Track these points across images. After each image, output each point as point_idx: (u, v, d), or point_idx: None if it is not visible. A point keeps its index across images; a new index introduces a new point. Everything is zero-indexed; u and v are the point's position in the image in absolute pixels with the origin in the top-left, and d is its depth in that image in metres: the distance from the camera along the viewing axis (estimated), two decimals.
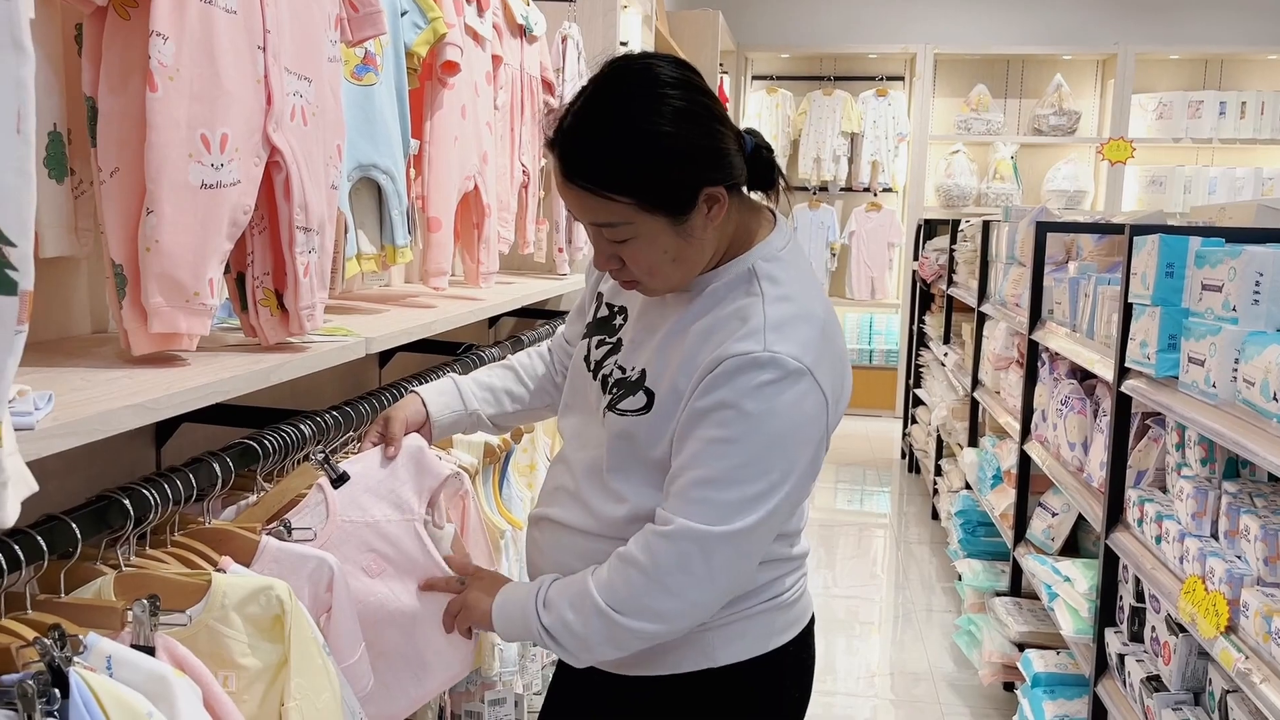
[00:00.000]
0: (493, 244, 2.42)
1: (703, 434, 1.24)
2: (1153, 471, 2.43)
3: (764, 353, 1.22)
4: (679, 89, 1.24)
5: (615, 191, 1.22)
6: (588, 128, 1.23)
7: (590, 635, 1.29)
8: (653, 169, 1.22)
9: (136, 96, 1.19)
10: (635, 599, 1.26)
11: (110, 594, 1.13)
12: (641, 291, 1.35)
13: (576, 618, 1.29)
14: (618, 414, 1.34)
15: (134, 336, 1.26)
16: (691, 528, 1.23)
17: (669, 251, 1.27)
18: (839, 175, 7.66)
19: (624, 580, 1.27)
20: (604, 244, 1.29)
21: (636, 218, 1.24)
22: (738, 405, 1.22)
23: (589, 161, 1.23)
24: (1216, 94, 7.08)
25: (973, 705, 3.38)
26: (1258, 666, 1.69)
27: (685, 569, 1.24)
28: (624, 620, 1.27)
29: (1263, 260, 1.81)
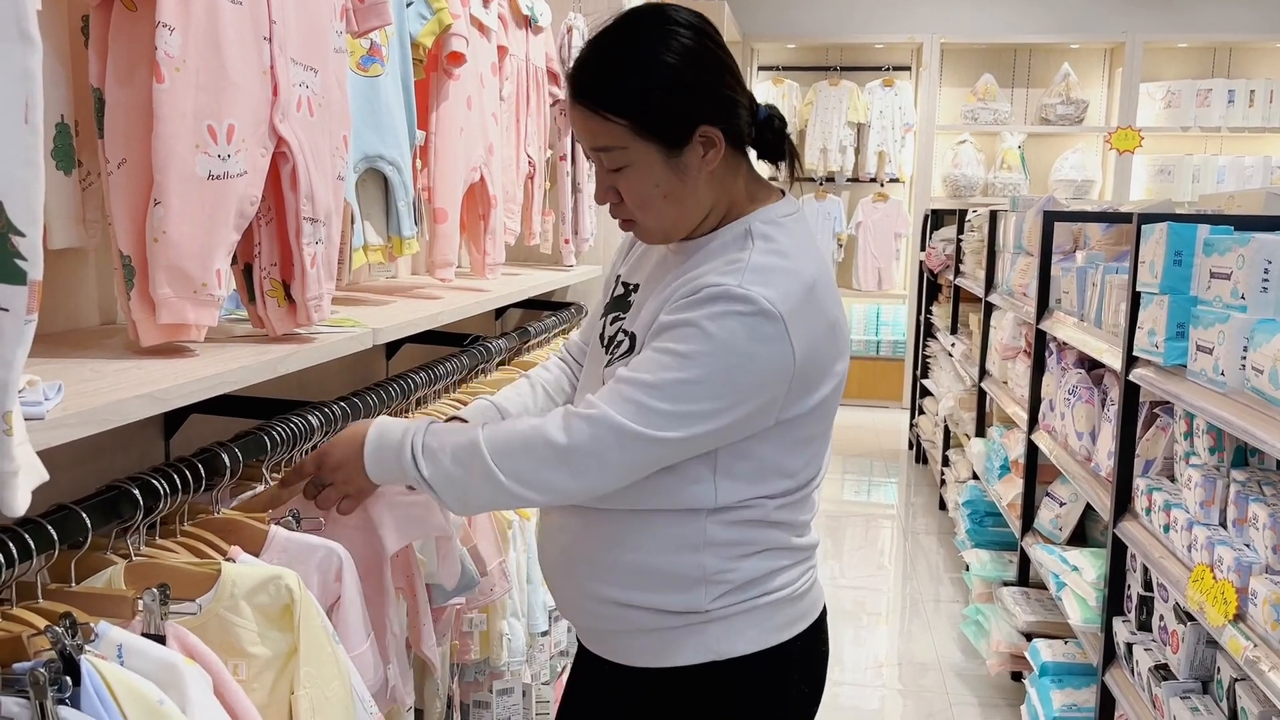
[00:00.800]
0: (499, 235, 2.42)
1: (659, 344, 1.26)
2: (1161, 460, 2.42)
3: (739, 288, 1.24)
4: (691, 31, 1.29)
5: (612, 112, 1.27)
6: (597, 53, 1.30)
7: (475, 494, 1.28)
8: (651, 93, 1.26)
9: (143, 88, 1.20)
10: (534, 471, 1.25)
11: (121, 583, 1.13)
12: (638, 234, 1.39)
13: (461, 473, 1.27)
14: (610, 367, 1.37)
15: (142, 327, 1.27)
16: (616, 420, 1.23)
17: (660, 185, 1.30)
18: (845, 166, 7.64)
19: (525, 449, 1.25)
20: (603, 173, 1.33)
21: (631, 143, 1.28)
22: (700, 325, 1.23)
23: (592, 82, 1.29)
24: (1225, 82, 7.04)
25: (980, 695, 3.38)
26: (1266, 654, 1.69)
27: (596, 454, 1.24)
28: (514, 485, 1.26)
29: (1272, 248, 1.81)
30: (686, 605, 1.35)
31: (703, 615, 1.35)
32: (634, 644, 1.40)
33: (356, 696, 1.23)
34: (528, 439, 1.26)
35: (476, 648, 1.99)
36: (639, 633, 1.39)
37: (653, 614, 1.37)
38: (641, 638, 1.39)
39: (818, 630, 1.46)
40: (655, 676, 1.40)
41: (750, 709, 1.41)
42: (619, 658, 1.43)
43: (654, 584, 1.35)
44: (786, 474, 1.35)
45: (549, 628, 2.31)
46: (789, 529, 1.39)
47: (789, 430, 1.33)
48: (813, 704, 1.48)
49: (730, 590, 1.35)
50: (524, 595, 2.16)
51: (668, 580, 1.35)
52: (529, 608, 2.19)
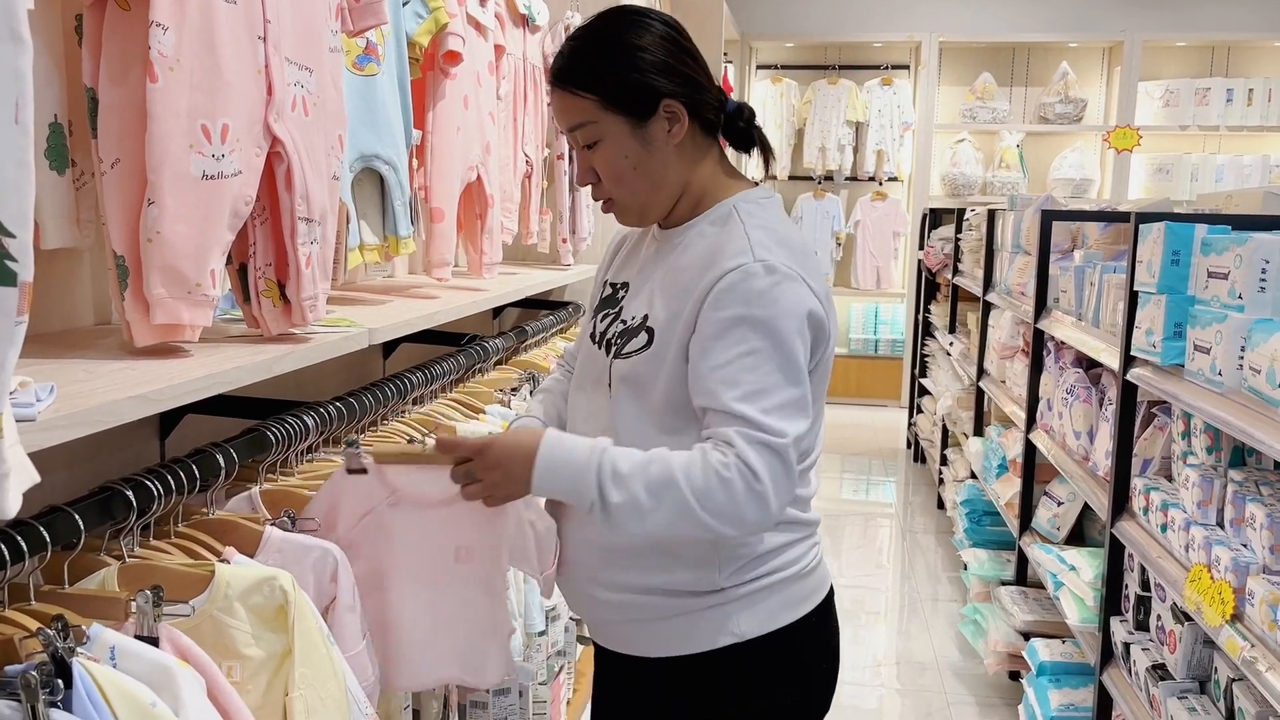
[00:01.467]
0: (496, 234, 2.41)
1: (727, 354, 1.29)
2: (1158, 460, 2.42)
3: (755, 261, 1.31)
4: (659, 22, 1.40)
5: (581, 88, 1.36)
6: (571, 42, 1.40)
7: (662, 523, 1.27)
8: (616, 69, 1.36)
9: (137, 87, 1.19)
10: (735, 509, 1.26)
11: (114, 585, 1.13)
12: (617, 215, 1.45)
13: (652, 503, 1.26)
14: (623, 359, 1.39)
15: (136, 328, 1.26)
16: (767, 440, 1.26)
17: (629, 157, 1.38)
18: (844, 165, 7.64)
19: (724, 488, 1.25)
20: (581, 154, 1.41)
21: (600, 116, 1.36)
22: (748, 316, 1.29)
23: (564, 65, 1.38)
24: (1223, 81, 7.04)
25: (978, 694, 3.38)
26: (1263, 654, 1.69)
27: (775, 480, 1.27)
28: (710, 519, 1.26)
29: (1269, 248, 1.81)
30: (704, 584, 1.39)
31: (720, 595, 1.39)
32: (655, 633, 1.42)
33: (351, 698, 1.23)
34: (726, 479, 1.26)
35: None
36: (659, 620, 1.41)
37: (672, 597, 1.40)
38: (662, 625, 1.41)
39: (828, 607, 1.51)
40: (679, 665, 1.42)
41: (774, 688, 1.44)
42: (641, 650, 1.45)
43: (671, 564, 1.38)
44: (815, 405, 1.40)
45: (546, 628, 2.30)
46: (797, 502, 1.43)
47: None
48: (833, 677, 1.53)
49: (744, 565, 1.39)
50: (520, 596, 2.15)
51: (684, 559, 1.38)
52: (525, 608, 2.18)
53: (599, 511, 1.28)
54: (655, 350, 1.36)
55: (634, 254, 1.52)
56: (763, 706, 1.44)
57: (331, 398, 1.63)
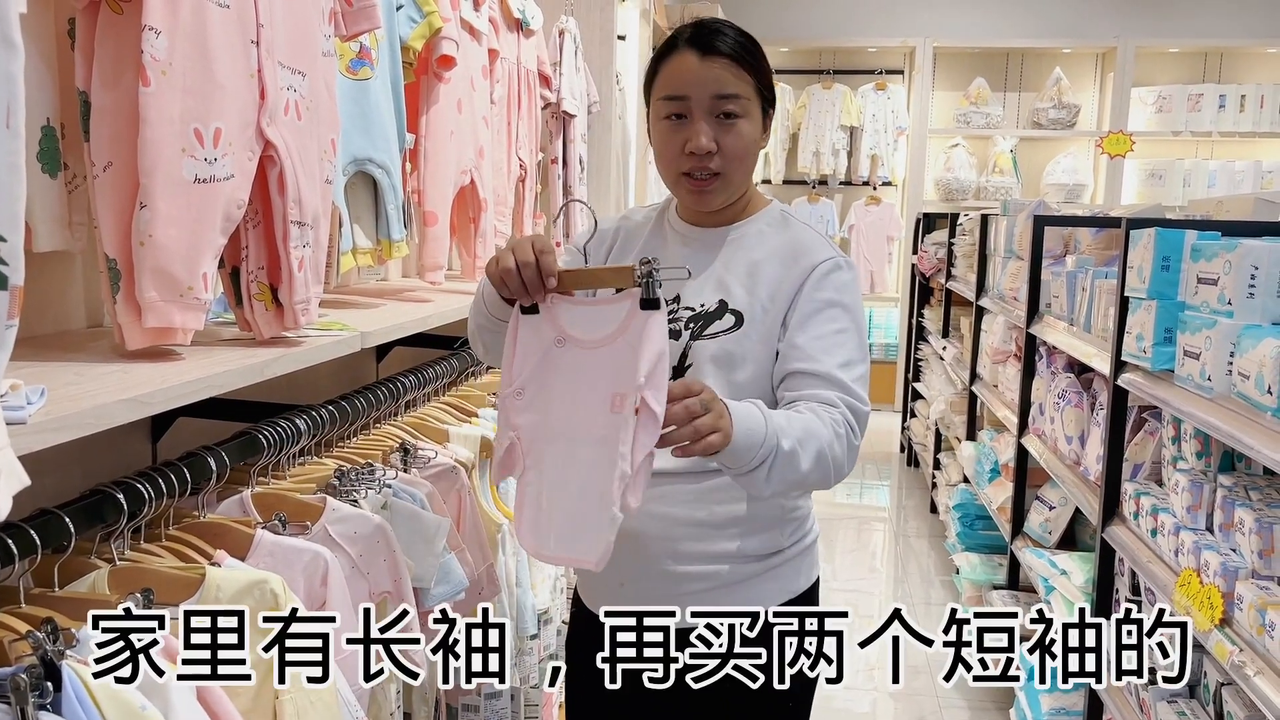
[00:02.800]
0: (489, 238, 2.42)
1: (825, 329, 1.47)
2: (1149, 465, 2.43)
3: (839, 257, 1.54)
4: None
5: (745, 68, 1.49)
6: (729, 29, 1.52)
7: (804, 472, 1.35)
8: (764, 63, 1.54)
9: (129, 91, 1.19)
10: (843, 458, 1.41)
11: (104, 588, 1.13)
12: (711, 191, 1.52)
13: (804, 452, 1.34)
14: (708, 339, 1.50)
15: (128, 331, 1.26)
16: (857, 406, 1.44)
17: (753, 145, 1.52)
18: (838, 169, 7.65)
19: (838, 440, 1.40)
20: (713, 124, 1.49)
21: (752, 96, 1.50)
22: (840, 303, 1.49)
23: (729, 42, 1.49)
24: (1216, 87, 7.06)
25: (970, 699, 3.39)
26: (1252, 659, 1.69)
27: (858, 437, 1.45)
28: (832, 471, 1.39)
29: (1258, 254, 1.81)
30: (770, 546, 1.53)
31: (780, 555, 1.53)
32: (731, 596, 1.47)
33: (341, 700, 1.23)
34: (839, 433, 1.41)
35: None
36: (722, 588, 1.48)
37: (747, 562, 1.50)
38: (725, 593, 1.48)
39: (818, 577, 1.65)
40: None
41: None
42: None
43: (748, 530, 1.50)
44: None
45: (538, 631, 2.31)
46: None
47: None
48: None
49: (798, 524, 1.56)
50: (512, 599, 2.16)
51: (759, 521, 1.50)
52: (518, 611, 2.18)
53: (768, 463, 1.31)
54: (748, 330, 1.49)
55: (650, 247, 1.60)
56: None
57: (324, 401, 1.63)
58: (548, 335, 1.32)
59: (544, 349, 1.33)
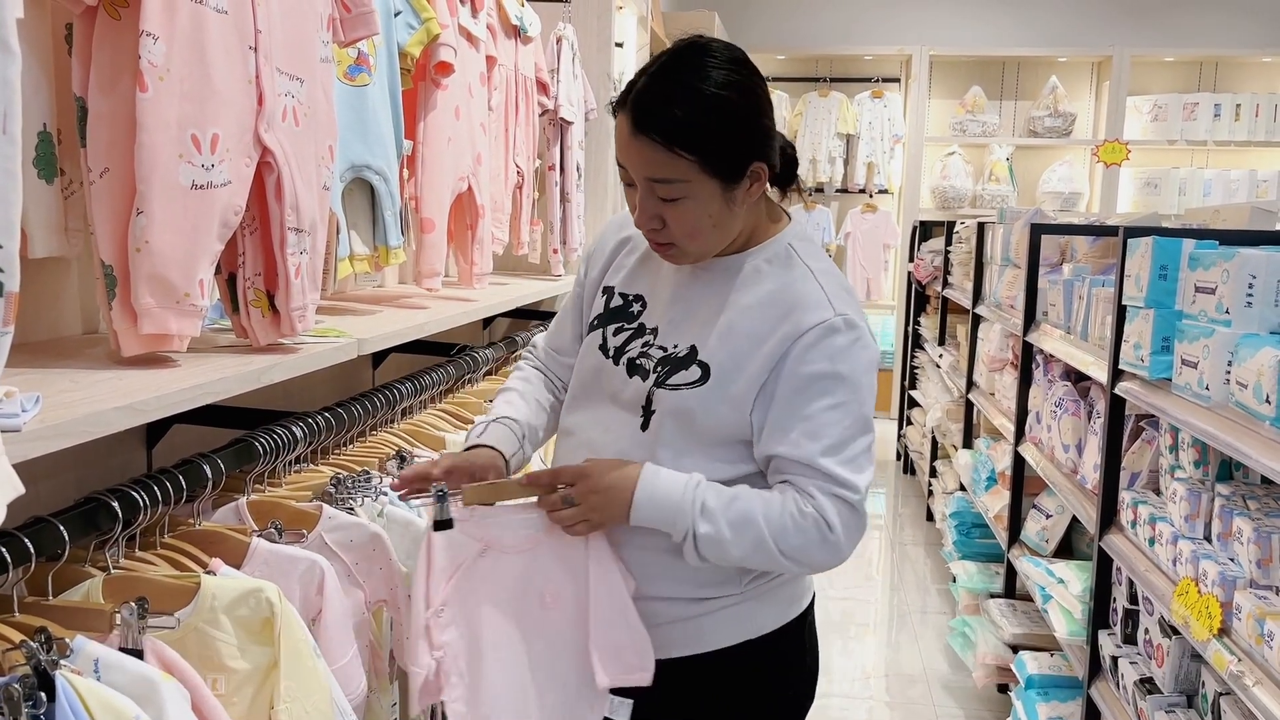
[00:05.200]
0: (486, 245, 2.41)
1: (812, 407, 1.35)
2: (1146, 473, 2.43)
3: (836, 317, 1.36)
4: (742, 66, 1.36)
5: (682, 148, 1.30)
6: (660, 87, 1.32)
7: (739, 555, 1.34)
8: (718, 132, 1.31)
9: (126, 96, 1.19)
10: (807, 549, 1.34)
11: (99, 596, 1.12)
12: (670, 257, 1.41)
13: (733, 538, 1.33)
14: (670, 389, 1.39)
15: (124, 337, 1.26)
16: (843, 495, 1.34)
17: (712, 217, 1.35)
18: (835, 177, 7.66)
19: (800, 533, 1.33)
20: (653, 203, 1.35)
21: (694, 177, 1.32)
22: (834, 373, 1.35)
23: (660, 117, 1.30)
24: (1211, 96, 7.08)
25: (967, 707, 3.38)
26: (1250, 669, 1.69)
27: (848, 530, 1.35)
28: (783, 559, 1.35)
29: (1256, 263, 1.82)
30: (723, 590, 1.43)
31: (738, 596, 1.43)
32: (671, 635, 1.43)
33: (338, 709, 1.22)
34: (800, 524, 1.34)
35: None
36: (676, 623, 1.43)
37: (691, 603, 1.43)
38: (679, 627, 1.43)
39: (812, 602, 1.57)
40: (692, 664, 1.44)
41: (780, 680, 1.48)
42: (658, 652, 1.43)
43: (696, 575, 1.40)
44: None
45: None
46: None
47: None
48: (816, 673, 1.57)
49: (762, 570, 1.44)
50: None
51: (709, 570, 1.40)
52: None
53: (689, 541, 1.34)
54: (713, 388, 1.37)
55: (649, 268, 1.49)
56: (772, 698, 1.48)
57: (320, 408, 1.62)
58: (469, 548, 1.37)
59: (463, 562, 1.37)
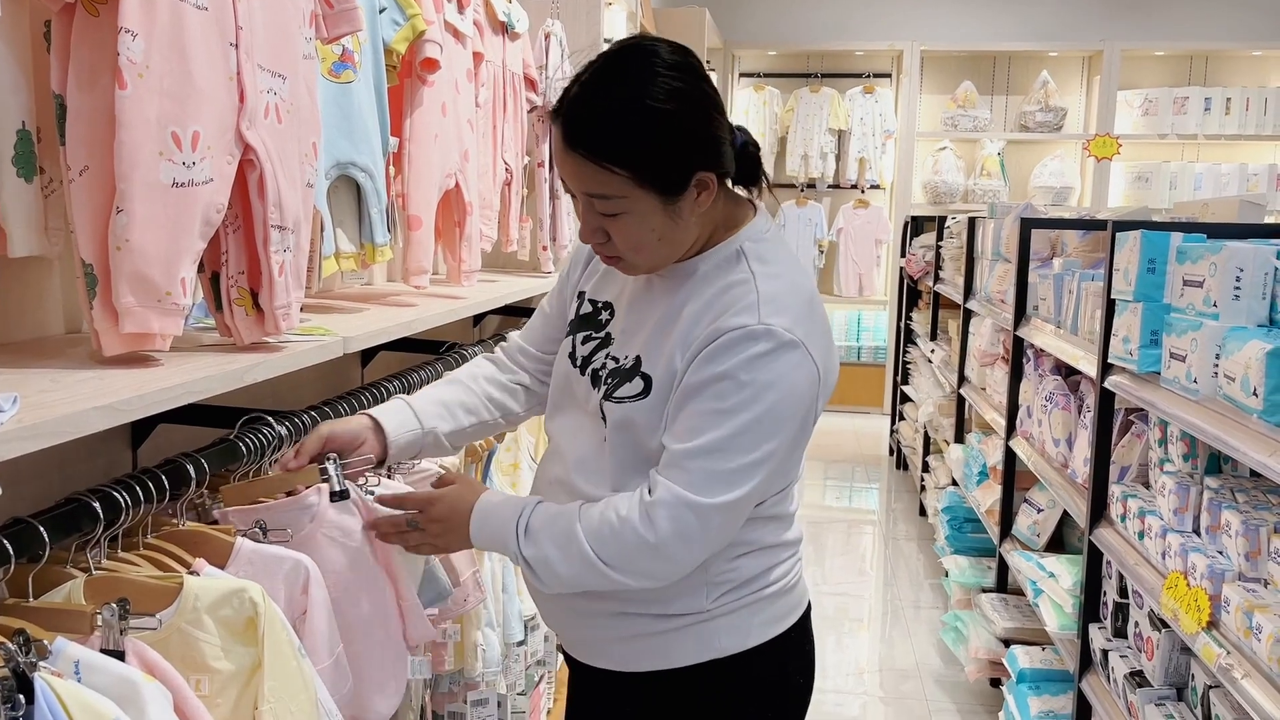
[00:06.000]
0: (475, 242, 2.40)
1: (700, 406, 1.27)
2: (1136, 467, 2.43)
3: (759, 325, 1.26)
4: (682, 72, 1.28)
5: (614, 163, 1.25)
6: (592, 99, 1.26)
7: (572, 576, 1.31)
8: (653, 146, 1.25)
9: (106, 94, 1.18)
10: (628, 559, 1.29)
11: (80, 598, 1.11)
12: (622, 269, 1.38)
13: (560, 556, 1.31)
14: (615, 402, 1.36)
15: (105, 337, 1.25)
16: (688, 498, 1.26)
17: (656, 230, 1.30)
18: (826, 172, 7.66)
19: (616, 540, 1.28)
20: (593, 216, 1.31)
21: (630, 192, 1.27)
22: (735, 376, 1.26)
23: (592, 131, 1.26)
24: (1202, 90, 7.10)
25: (959, 702, 3.39)
26: (1239, 662, 1.69)
27: (682, 536, 1.27)
28: (610, 572, 1.29)
29: (1243, 256, 1.82)
30: (688, 607, 1.38)
31: (704, 614, 1.38)
32: (634, 649, 1.41)
33: (323, 710, 1.22)
34: (618, 531, 1.28)
35: (451, 658, 1.97)
36: (640, 638, 1.40)
37: (654, 619, 1.39)
38: (642, 642, 1.40)
39: (806, 621, 1.51)
40: (659, 679, 1.41)
41: (755, 702, 1.43)
42: (617, 665, 1.44)
43: (658, 593, 1.36)
44: (783, 474, 1.39)
45: (525, 637, 2.29)
46: (779, 523, 1.43)
47: None
48: (808, 692, 1.52)
49: (731, 589, 1.39)
50: (499, 605, 2.14)
51: (671, 588, 1.36)
52: (504, 618, 2.17)
53: (523, 565, 1.33)
54: (653, 401, 1.33)
55: (616, 274, 1.46)
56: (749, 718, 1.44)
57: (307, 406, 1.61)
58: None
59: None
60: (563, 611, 1.46)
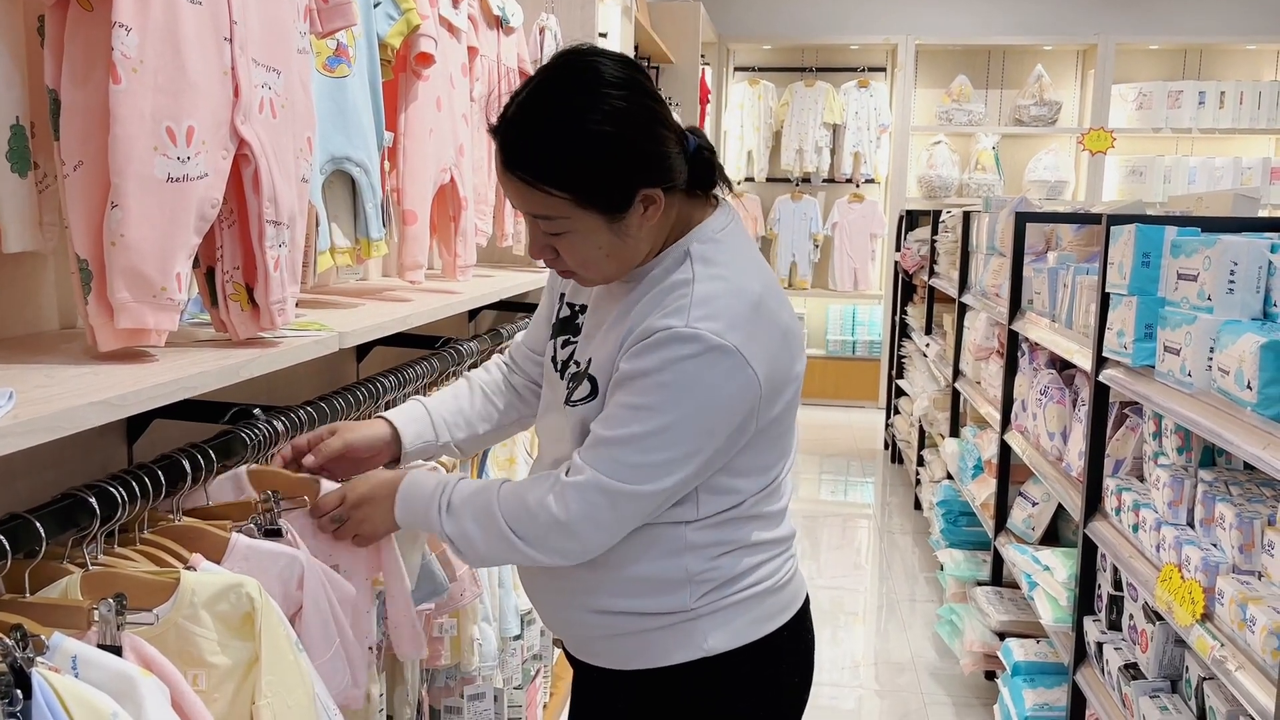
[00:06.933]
0: (470, 237, 2.40)
1: (623, 399, 1.28)
2: (1130, 460, 2.44)
3: (685, 328, 1.25)
4: (623, 89, 1.26)
5: (552, 186, 1.25)
6: (530, 120, 1.26)
7: (490, 551, 1.35)
8: (591, 168, 1.24)
9: (99, 89, 1.18)
10: (541, 536, 1.31)
11: (77, 593, 1.11)
12: (577, 281, 1.39)
13: (479, 532, 1.34)
14: (573, 405, 1.38)
15: (100, 332, 1.24)
16: (603, 481, 1.27)
17: (603, 247, 1.30)
18: (821, 166, 7.66)
19: (530, 517, 1.31)
20: (539, 235, 1.32)
21: (572, 213, 1.27)
22: (656, 375, 1.26)
23: (528, 154, 1.25)
24: (1196, 84, 7.11)
25: (954, 695, 3.40)
26: (1233, 654, 1.70)
27: (592, 519, 1.29)
28: (525, 548, 1.32)
29: (1237, 249, 1.82)
30: (672, 606, 1.38)
31: (689, 613, 1.37)
32: (622, 647, 1.41)
33: (320, 705, 1.22)
34: (532, 509, 1.31)
35: (447, 653, 1.98)
36: (626, 636, 1.40)
37: (638, 618, 1.39)
38: (629, 640, 1.40)
39: (802, 620, 1.49)
40: (647, 677, 1.41)
41: (745, 702, 1.42)
42: (608, 663, 1.44)
43: (639, 590, 1.37)
44: (760, 470, 1.38)
45: (521, 632, 2.30)
46: (765, 520, 1.41)
47: (760, 437, 1.35)
48: (804, 692, 1.52)
49: (714, 588, 1.38)
50: (495, 599, 2.14)
51: (652, 586, 1.37)
52: (500, 612, 2.17)
53: (446, 541, 1.36)
54: (598, 404, 1.34)
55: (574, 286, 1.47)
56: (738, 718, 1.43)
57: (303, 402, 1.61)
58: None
59: None
60: (551, 609, 1.47)
